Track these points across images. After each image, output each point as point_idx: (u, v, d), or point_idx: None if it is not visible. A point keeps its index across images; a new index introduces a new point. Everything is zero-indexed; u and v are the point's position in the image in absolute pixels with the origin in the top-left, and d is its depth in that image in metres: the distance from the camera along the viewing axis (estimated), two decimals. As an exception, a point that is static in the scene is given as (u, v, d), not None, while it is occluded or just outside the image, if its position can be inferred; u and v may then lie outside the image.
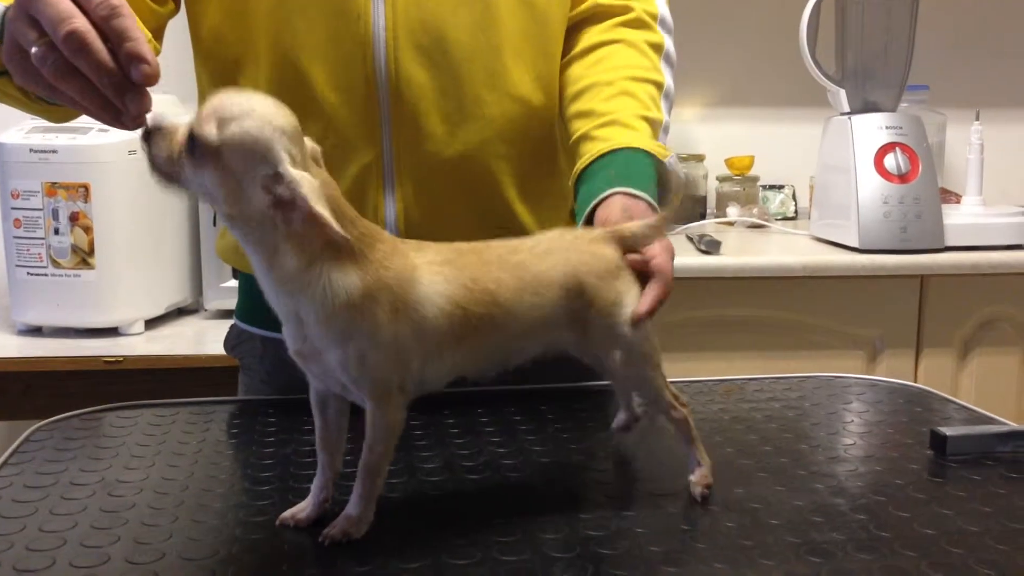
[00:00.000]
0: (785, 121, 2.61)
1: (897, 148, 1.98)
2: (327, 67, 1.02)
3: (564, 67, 1.13)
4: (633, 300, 0.85)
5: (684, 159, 2.54)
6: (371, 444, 0.76)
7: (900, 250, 2.00)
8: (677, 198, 0.88)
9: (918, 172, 1.99)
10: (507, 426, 1.06)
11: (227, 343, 1.24)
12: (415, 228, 1.06)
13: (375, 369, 0.74)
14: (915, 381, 2.05)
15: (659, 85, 1.11)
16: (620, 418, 0.99)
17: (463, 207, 1.07)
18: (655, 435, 1.02)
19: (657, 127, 1.06)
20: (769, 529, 0.80)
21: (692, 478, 0.86)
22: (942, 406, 1.15)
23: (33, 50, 0.70)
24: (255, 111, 0.70)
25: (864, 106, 2.09)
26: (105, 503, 0.85)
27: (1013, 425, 1.01)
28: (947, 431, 0.98)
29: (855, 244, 2.02)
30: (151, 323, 2.08)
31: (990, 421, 1.07)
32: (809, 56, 2.08)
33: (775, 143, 2.62)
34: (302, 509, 0.81)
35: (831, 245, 2.14)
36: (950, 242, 2.02)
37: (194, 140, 0.70)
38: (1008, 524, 0.81)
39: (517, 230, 1.11)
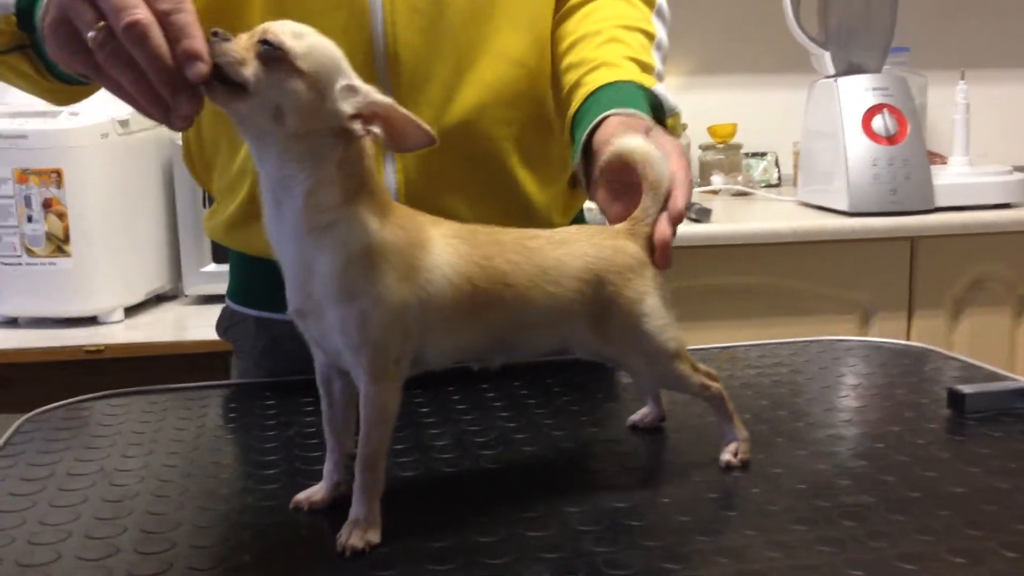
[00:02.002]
0: (766, 87, 2.58)
1: (885, 110, 1.97)
2: (323, 31, 0.98)
3: (556, 26, 1.10)
4: (656, 301, 0.81)
5: (665, 129, 2.51)
6: (367, 432, 0.72)
7: (890, 212, 1.98)
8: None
9: (906, 133, 1.97)
10: (515, 400, 1.03)
11: (219, 325, 1.21)
12: (417, 199, 1.02)
13: (375, 333, 0.70)
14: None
15: (650, 35, 1.08)
16: (646, 413, 0.94)
17: (465, 176, 1.04)
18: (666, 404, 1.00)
19: (649, 71, 1.03)
20: (798, 494, 0.78)
21: (728, 451, 0.84)
22: (948, 364, 1.14)
23: (91, 34, 0.68)
24: (316, 32, 0.71)
25: (848, 68, 2.07)
26: (107, 493, 0.81)
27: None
28: (965, 388, 0.96)
29: (845, 208, 2.01)
30: (130, 311, 2.03)
31: (999, 377, 1.06)
32: (793, 18, 2.06)
33: (756, 110, 2.60)
34: (316, 492, 0.77)
35: (820, 210, 2.12)
36: (939, 203, 2.01)
37: (271, 47, 0.67)
38: (1040, 479, 0.79)
39: (520, 197, 1.09)
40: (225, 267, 2.05)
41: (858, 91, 2.01)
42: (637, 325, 0.80)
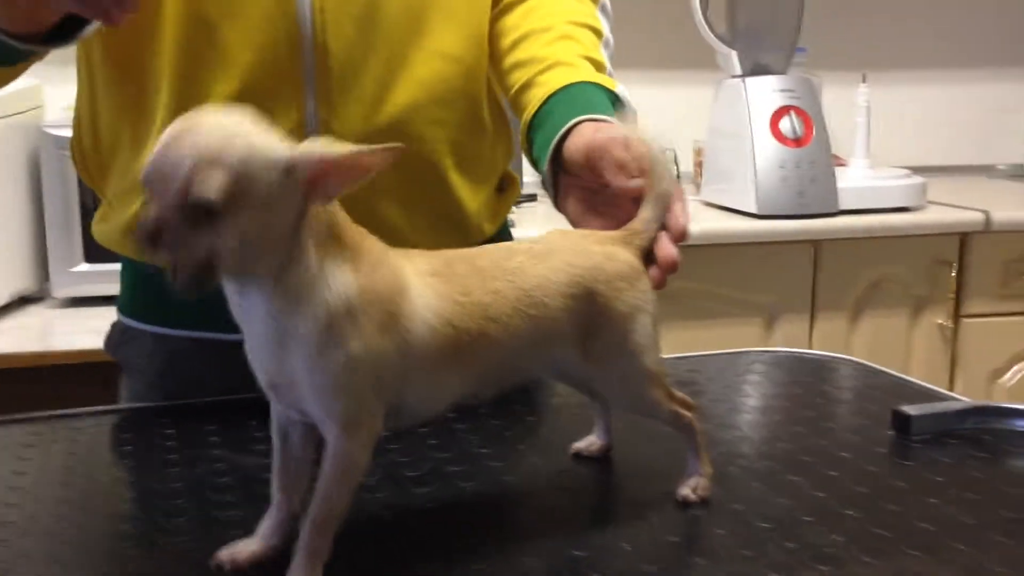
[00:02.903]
0: (665, 84, 2.56)
1: (792, 111, 1.97)
2: (241, 23, 0.89)
3: (495, 19, 1.03)
4: (648, 318, 0.75)
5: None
6: (327, 489, 0.64)
7: (797, 215, 1.98)
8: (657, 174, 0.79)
9: (812, 136, 1.98)
10: (443, 425, 0.95)
11: (109, 342, 1.09)
12: (348, 205, 0.93)
13: (353, 385, 0.63)
14: (810, 346, 2.06)
15: (598, 32, 1.03)
16: (593, 442, 0.87)
17: (398, 180, 0.96)
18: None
19: (602, 71, 0.97)
20: (764, 535, 0.73)
21: (688, 485, 0.78)
22: (877, 379, 1.12)
23: None
24: (220, 129, 0.58)
25: (755, 69, 2.06)
26: (-12, 554, 0.70)
27: (971, 401, 0.98)
28: (910, 410, 0.94)
29: (752, 210, 2.00)
30: (-8, 314, 1.86)
31: (935, 395, 1.04)
32: (701, 16, 2.03)
33: (654, 107, 2.56)
34: (242, 548, 0.68)
35: (725, 211, 2.11)
36: (842, 206, 2.02)
37: (198, 207, 0.57)
38: (1008, 514, 0.77)
39: (453, 204, 1.01)
40: (100, 267, 1.93)
41: (766, 92, 2.01)
42: (623, 342, 0.74)
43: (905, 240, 2.08)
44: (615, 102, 0.92)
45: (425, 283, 0.67)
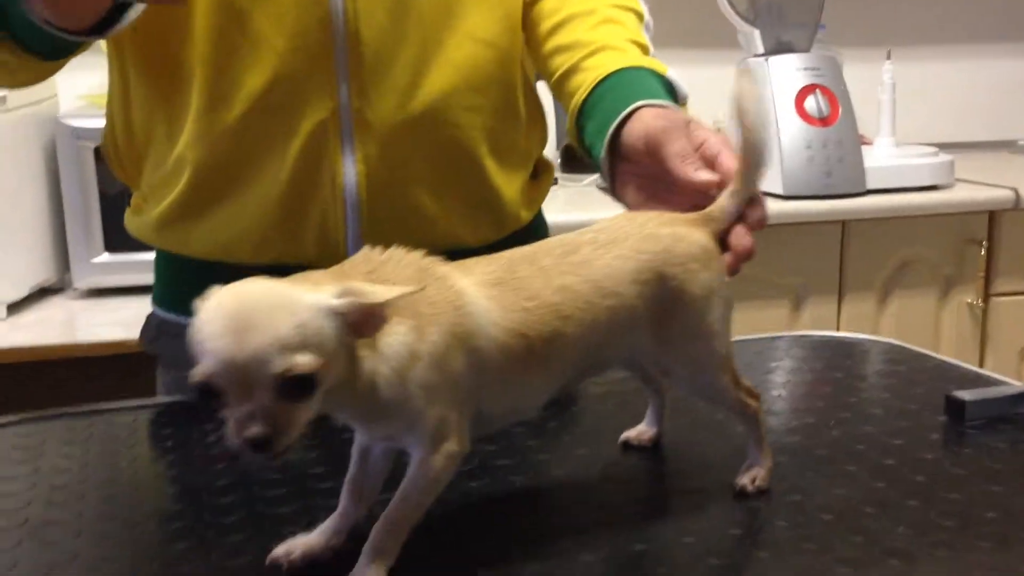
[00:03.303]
0: (685, 64, 2.52)
1: (817, 90, 1.94)
2: (273, 10, 0.87)
3: (532, 3, 1.01)
4: (721, 301, 0.73)
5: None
6: (407, 495, 0.63)
7: (824, 195, 1.96)
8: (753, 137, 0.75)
9: (838, 115, 1.95)
10: (487, 417, 0.94)
11: (144, 335, 1.07)
12: (377, 194, 0.93)
13: (434, 412, 0.63)
14: (837, 327, 2.04)
15: (639, 15, 1.01)
16: (643, 431, 0.85)
17: (431, 167, 0.94)
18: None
19: (646, 53, 0.95)
20: (827, 527, 0.71)
21: (747, 475, 0.76)
22: (918, 362, 1.10)
23: None
24: (276, 303, 0.57)
25: (777, 47, 2.03)
26: (39, 555, 0.69)
27: (1025, 385, 0.96)
28: (964, 395, 0.92)
29: (779, 191, 1.97)
30: (13, 307, 1.84)
31: (983, 380, 1.02)
32: (723, -6, 2.00)
33: (678, 87, 2.54)
34: (297, 545, 0.67)
35: (749, 192, 2.08)
36: (870, 185, 1.99)
37: (294, 387, 0.55)
38: (1074, 501, 0.75)
39: (488, 191, 1.00)
40: (121, 257, 1.92)
41: (789, 71, 1.97)
42: (697, 325, 0.72)
43: (933, 219, 2.05)
44: (667, 87, 0.90)
45: (488, 296, 0.65)
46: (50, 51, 0.84)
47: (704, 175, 0.78)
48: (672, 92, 0.90)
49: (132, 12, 0.80)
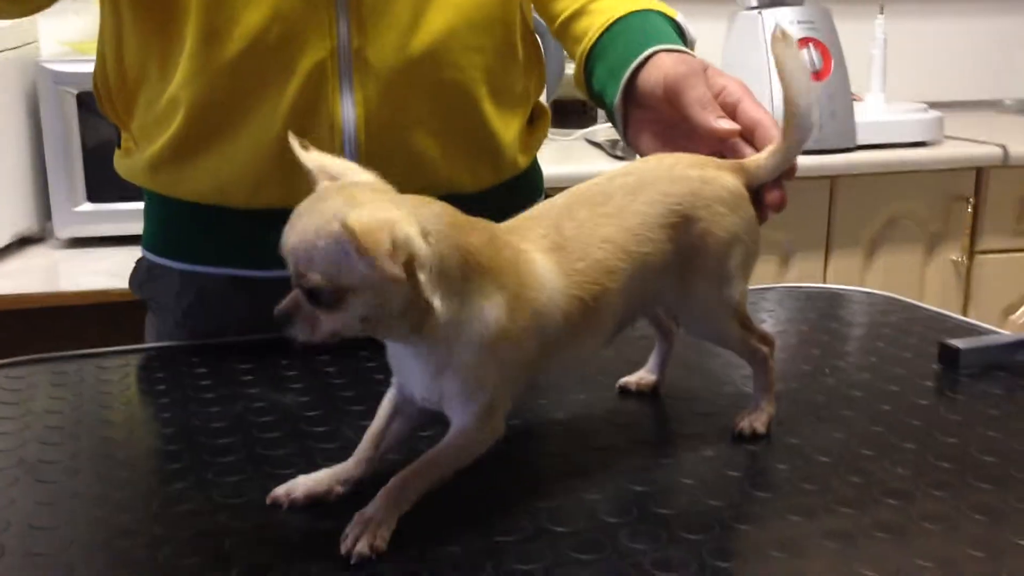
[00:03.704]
0: (682, 15, 2.51)
1: (811, 44, 1.92)
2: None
3: None
4: (743, 249, 0.72)
5: (568, 60, 2.41)
6: (436, 456, 0.63)
7: (815, 151, 1.95)
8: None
9: (831, 69, 1.94)
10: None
11: (133, 280, 1.06)
12: (377, 136, 0.91)
13: (490, 389, 0.63)
14: (824, 282, 2.05)
15: None
16: (642, 377, 0.85)
17: (431, 110, 0.93)
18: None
19: None
20: (827, 469, 0.72)
21: (748, 418, 0.77)
22: (911, 313, 1.10)
23: None
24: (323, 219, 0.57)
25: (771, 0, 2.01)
26: (37, 494, 0.68)
27: (1018, 334, 0.96)
28: (958, 343, 0.92)
29: (769, 145, 1.96)
30: (-6, 256, 1.82)
31: (975, 329, 1.03)
32: (716, -54, 1.98)
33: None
34: (298, 485, 0.66)
35: (738, 147, 2.07)
36: (859, 141, 1.99)
37: (316, 292, 0.58)
38: (1069, 445, 0.76)
39: (488, 135, 0.98)
40: (103, 207, 1.89)
41: (783, 24, 1.95)
42: (717, 269, 0.72)
43: (921, 175, 2.05)
44: (677, 30, 0.89)
45: (551, 264, 0.65)
46: None
47: (725, 123, 0.77)
48: (682, 36, 0.89)
49: None
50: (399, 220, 0.56)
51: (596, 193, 0.70)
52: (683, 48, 0.84)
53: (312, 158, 0.63)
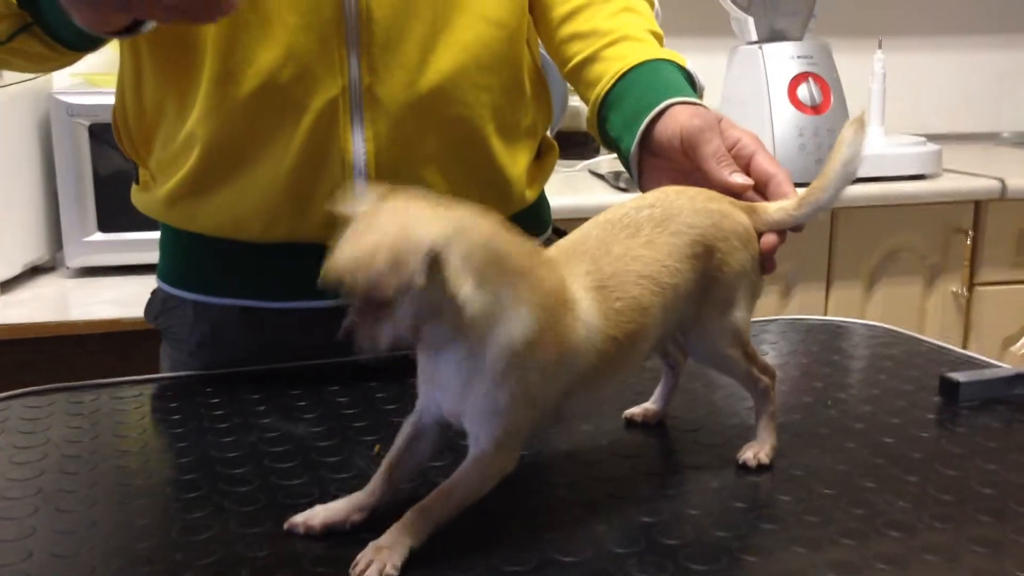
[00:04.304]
0: (682, 50, 2.54)
1: (810, 78, 1.95)
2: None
3: None
4: (750, 281, 0.76)
5: (571, 92, 2.44)
6: (453, 487, 0.65)
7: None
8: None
9: (830, 102, 1.96)
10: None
11: (149, 311, 1.08)
12: (386, 172, 0.93)
13: (515, 415, 0.65)
14: (825, 313, 2.07)
15: (651, 1, 1.02)
16: (648, 409, 0.87)
17: (440, 146, 0.95)
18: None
19: (661, 42, 0.96)
20: (829, 501, 0.73)
21: (751, 449, 0.78)
22: (912, 346, 1.12)
23: None
24: (379, 229, 0.60)
25: (771, 35, 2.05)
26: (55, 523, 0.70)
27: (1017, 368, 0.98)
28: (959, 377, 0.94)
29: (770, 178, 1.98)
30: (5, 285, 1.83)
31: (976, 362, 1.05)
32: (718, -18, 2.01)
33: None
34: (316, 514, 0.68)
35: (740, 179, 2.09)
36: (859, 174, 2.00)
37: (371, 301, 0.60)
38: (1068, 478, 0.77)
39: (496, 170, 1.01)
40: (113, 236, 1.91)
41: (783, 59, 1.99)
42: (727, 299, 0.75)
43: (921, 208, 2.08)
44: (688, 79, 0.91)
45: (591, 300, 0.67)
46: (80, 43, 0.85)
47: (739, 178, 0.80)
48: (692, 84, 0.92)
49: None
50: (428, 230, 0.58)
51: (627, 225, 0.72)
52: (696, 100, 0.87)
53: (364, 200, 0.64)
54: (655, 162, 0.88)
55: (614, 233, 0.71)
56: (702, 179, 0.82)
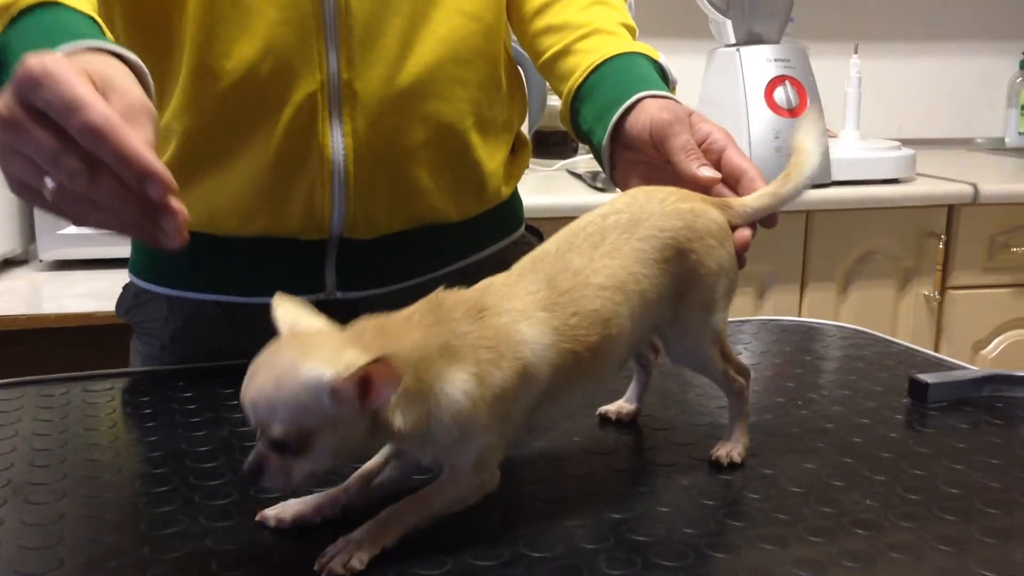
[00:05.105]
0: (661, 51, 2.55)
1: (786, 81, 1.97)
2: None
3: None
4: (727, 280, 0.76)
5: (550, 92, 2.45)
6: (428, 497, 0.65)
7: (790, 185, 1.98)
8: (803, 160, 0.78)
9: (806, 106, 1.98)
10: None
11: (120, 305, 1.07)
12: (365, 167, 0.93)
13: (484, 448, 0.65)
14: (799, 314, 2.08)
15: None
16: (622, 407, 0.88)
17: (417, 141, 0.95)
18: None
19: (634, 35, 0.97)
20: (798, 499, 0.74)
21: (724, 448, 0.79)
22: (882, 347, 1.13)
23: (47, 183, 0.59)
24: (275, 371, 0.60)
25: (749, 38, 2.06)
26: (26, 515, 0.69)
27: (986, 370, 0.99)
28: (927, 378, 0.95)
29: (746, 180, 1.99)
30: (-23, 277, 1.82)
31: (943, 364, 1.06)
32: (697, -16, 2.02)
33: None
34: (288, 507, 0.68)
35: (716, 181, 2.11)
36: (834, 177, 2.03)
37: (282, 444, 0.59)
38: (1032, 478, 0.78)
39: (474, 165, 1.01)
40: (86, 230, 1.89)
41: (760, 62, 2.00)
42: (704, 299, 0.74)
43: (894, 212, 2.10)
44: (660, 72, 0.92)
45: (540, 323, 0.66)
46: None
47: (707, 171, 0.80)
48: (665, 78, 0.92)
49: None
50: (353, 358, 0.58)
51: (591, 234, 0.71)
52: (668, 94, 0.87)
53: (285, 318, 0.63)
54: (627, 155, 0.88)
55: (576, 245, 0.71)
56: (672, 172, 0.82)
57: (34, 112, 0.57)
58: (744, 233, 0.78)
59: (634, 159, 0.87)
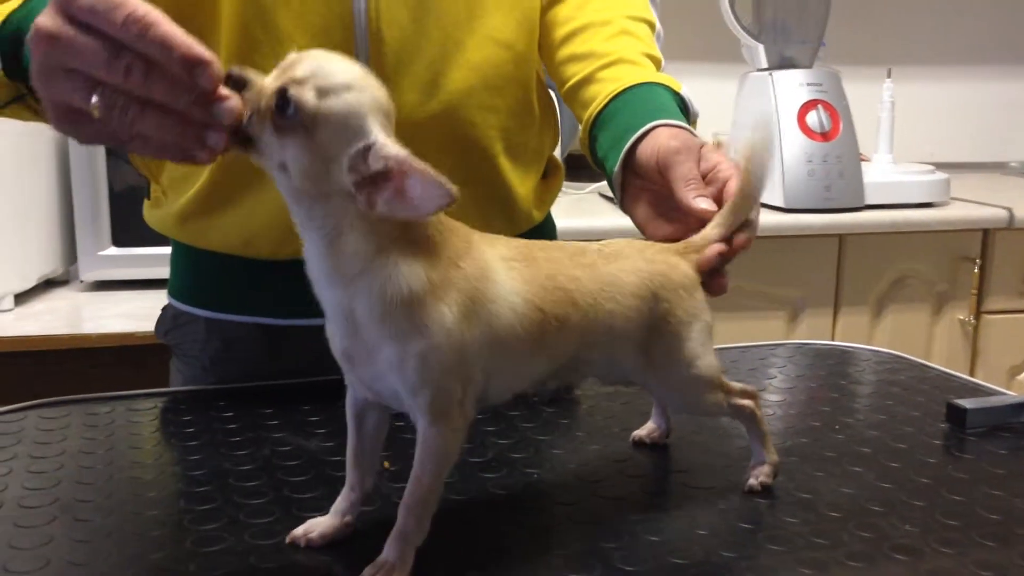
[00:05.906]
0: (693, 76, 2.56)
1: (819, 105, 1.97)
2: (296, 7, 0.89)
3: (546, 8, 1.03)
4: (703, 326, 0.76)
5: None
6: (419, 474, 0.64)
7: (823, 209, 1.99)
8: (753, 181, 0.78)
9: (839, 130, 1.98)
10: (498, 414, 0.96)
11: (159, 327, 1.09)
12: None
13: (437, 375, 0.63)
14: (832, 338, 2.07)
15: (652, 25, 1.03)
16: (653, 429, 0.88)
17: (449, 165, 0.95)
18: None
19: (659, 66, 0.97)
20: (836, 524, 0.74)
21: (754, 474, 0.79)
22: (919, 372, 1.13)
23: (93, 100, 0.59)
24: (356, 83, 0.61)
25: (781, 62, 2.07)
26: (74, 532, 0.71)
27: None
28: (966, 404, 0.94)
29: (780, 204, 2.00)
30: (20, 297, 1.85)
31: (982, 389, 1.06)
32: (728, 8, 2.03)
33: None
34: (315, 526, 0.69)
35: (749, 205, 2.11)
36: (867, 201, 2.02)
37: (287, 102, 0.58)
38: (1073, 505, 0.78)
39: (503, 189, 1.02)
40: (127, 251, 1.93)
41: (792, 86, 2.01)
42: (680, 349, 0.75)
43: (928, 236, 2.09)
44: (680, 104, 0.93)
45: (510, 267, 0.67)
46: None
47: (702, 203, 0.80)
48: (685, 109, 0.93)
49: None
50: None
51: (573, 248, 0.73)
52: (682, 124, 0.87)
53: None
54: (638, 183, 0.88)
55: (559, 247, 0.72)
56: (676, 203, 0.82)
57: (77, 24, 0.58)
58: (718, 283, 0.79)
59: (643, 187, 0.88)
